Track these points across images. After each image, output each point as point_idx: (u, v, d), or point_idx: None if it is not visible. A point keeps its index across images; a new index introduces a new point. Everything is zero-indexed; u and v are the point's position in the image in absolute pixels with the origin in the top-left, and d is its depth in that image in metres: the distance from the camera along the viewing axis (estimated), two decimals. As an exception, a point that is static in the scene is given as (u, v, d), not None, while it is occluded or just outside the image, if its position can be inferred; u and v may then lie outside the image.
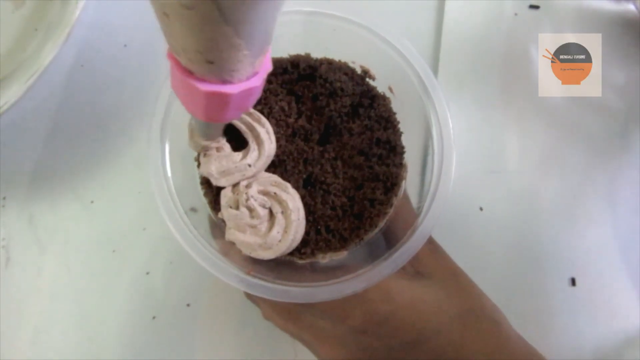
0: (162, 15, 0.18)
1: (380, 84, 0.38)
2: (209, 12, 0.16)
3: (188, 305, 0.45)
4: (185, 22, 0.18)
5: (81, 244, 0.45)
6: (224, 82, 0.21)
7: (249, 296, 0.43)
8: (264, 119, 0.35)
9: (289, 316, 0.38)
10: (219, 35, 0.18)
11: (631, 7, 0.52)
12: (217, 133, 0.33)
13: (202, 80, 0.21)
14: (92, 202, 0.46)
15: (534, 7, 0.52)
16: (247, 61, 0.21)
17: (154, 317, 0.44)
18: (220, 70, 0.21)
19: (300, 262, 0.36)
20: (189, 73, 0.21)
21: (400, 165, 0.37)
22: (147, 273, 0.45)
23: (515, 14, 0.52)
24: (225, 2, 0.16)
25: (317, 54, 0.39)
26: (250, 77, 0.22)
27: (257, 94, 0.24)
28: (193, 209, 0.36)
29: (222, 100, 0.22)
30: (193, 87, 0.21)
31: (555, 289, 0.47)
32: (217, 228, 0.37)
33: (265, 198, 0.33)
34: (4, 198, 0.46)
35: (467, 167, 0.48)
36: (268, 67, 0.23)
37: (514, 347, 0.37)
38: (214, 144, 0.33)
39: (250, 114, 0.34)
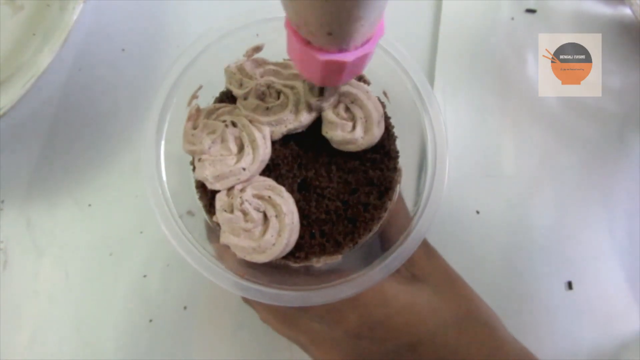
0: None
1: (374, 89, 0.38)
2: None
3: (185, 308, 0.45)
4: None
5: (78, 247, 0.46)
6: (341, 50, 0.22)
7: (246, 300, 0.43)
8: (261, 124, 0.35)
9: (285, 319, 0.39)
10: (341, 10, 0.19)
11: (628, 11, 0.52)
12: (330, 95, 0.34)
13: (320, 49, 0.22)
14: (89, 205, 0.46)
15: (531, 11, 0.52)
16: (364, 30, 0.21)
17: (150, 320, 0.44)
18: (338, 41, 0.21)
19: (295, 265, 0.36)
20: (307, 42, 0.22)
21: (395, 170, 0.37)
22: (144, 276, 0.45)
23: (512, 19, 0.52)
24: None
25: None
26: (365, 43, 0.23)
27: (370, 59, 0.25)
28: (189, 213, 0.37)
29: (338, 67, 0.23)
30: (311, 56, 0.22)
31: (551, 293, 0.47)
32: (213, 232, 0.37)
33: (259, 202, 0.33)
34: (2, 201, 0.46)
35: (463, 171, 0.49)
36: (381, 33, 0.23)
37: (509, 350, 0.37)
38: (325, 104, 0.34)
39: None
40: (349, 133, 0.34)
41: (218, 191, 0.35)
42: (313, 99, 0.34)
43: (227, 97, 0.38)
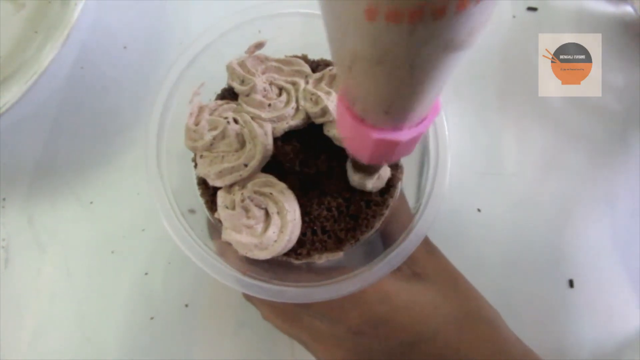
0: (346, 68, 0.18)
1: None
2: (398, 67, 0.16)
3: (186, 305, 0.45)
4: (370, 76, 0.17)
5: (80, 245, 0.46)
6: (395, 129, 0.21)
7: (247, 297, 0.43)
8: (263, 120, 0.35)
9: (286, 317, 0.39)
10: (402, 89, 0.18)
11: (629, 9, 0.52)
12: (374, 171, 0.33)
13: (373, 127, 0.21)
14: (91, 202, 0.46)
15: (532, 9, 0.52)
16: (422, 109, 0.20)
17: (152, 318, 0.44)
18: (394, 120, 0.20)
19: (297, 262, 0.36)
20: (361, 120, 0.21)
21: (396, 167, 0.37)
22: (146, 274, 0.45)
23: (514, 16, 0.52)
24: (418, 58, 0.15)
25: (314, 55, 0.39)
26: (419, 122, 0.22)
27: (420, 139, 0.23)
28: (191, 210, 0.37)
29: (390, 146, 0.22)
30: (364, 133, 0.21)
31: (553, 291, 0.47)
32: (214, 228, 0.37)
33: (261, 198, 0.33)
34: (4, 199, 0.46)
35: (465, 169, 0.49)
36: (437, 112, 0.22)
37: (511, 349, 0.37)
38: (369, 183, 0.34)
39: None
40: None
41: (220, 188, 0.35)
42: (356, 176, 0.34)
43: (229, 94, 0.38)
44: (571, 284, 0.47)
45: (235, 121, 0.35)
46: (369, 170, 0.32)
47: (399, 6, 0.13)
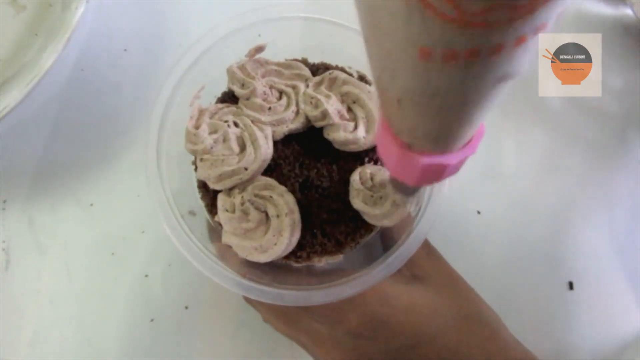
0: (394, 103, 0.17)
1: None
2: (450, 101, 0.16)
3: (186, 307, 0.45)
4: (420, 110, 0.17)
5: (80, 247, 0.46)
6: (443, 153, 0.20)
7: (247, 299, 0.43)
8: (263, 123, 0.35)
9: (286, 319, 0.39)
10: (452, 120, 0.17)
11: (629, 11, 0.52)
12: (416, 192, 0.32)
13: (422, 153, 0.20)
14: (91, 205, 0.46)
15: (532, 11, 0.52)
16: (471, 132, 0.20)
17: (152, 320, 0.44)
18: (443, 145, 0.20)
19: (296, 265, 0.36)
20: (407, 146, 0.20)
21: None
22: (146, 276, 0.45)
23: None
24: (472, 91, 0.15)
25: (314, 59, 0.39)
26: (467, 144, 0.21)
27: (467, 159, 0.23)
28: (191, 213, 0.37)
29: (438, 169, 0.21)
30: (411, 159, 0.20)
31: (553, 293, 0.47)
32: (214, 231, 0.37)
33: (261, 202, 0.33)
34: (4, 201, 0.46)
35: (464, 171, 0.48)
36: (482, 132, 0.22)
37: (511, 351, 0.37)
38: (412, 200, 0.34)
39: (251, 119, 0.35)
40: (350, 133, 0.34)
41: (220, 191, 0.35)
42: (398, 196, 0.33)
43: (229, 97, 0.38)
44: (571, 285, 0.47)
45: (236, 124, 0.35)
46: (411, 190, 0.32)
47: (457, 47, 0.13)
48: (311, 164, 0.36)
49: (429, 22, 0.12)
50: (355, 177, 0.34)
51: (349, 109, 0.35)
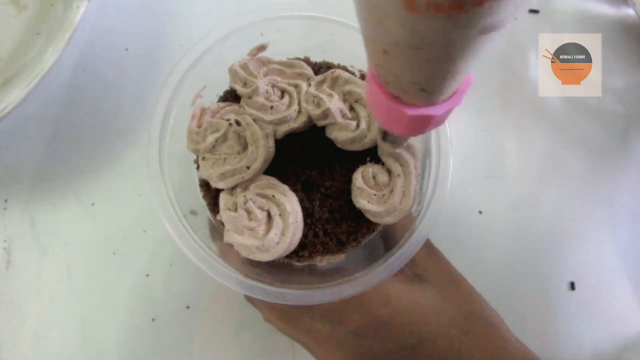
0: (381, 52, 0.18)
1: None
2: (435, 51, 0.16)
3: (187, 307, 0.45)
4: (407, 60, 0.17)
5: (82, 247, 0.46)
6: (430, 104, 0.21)
7: (248, 299, 0.43)
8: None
9: (288, 319, 0.39)
10: (438, 70, 0.18)
11: (631, 12, 0.52)
12: (403, 141, 0.33)
13: (409, 104, 0.21)
14: (92, 204, 0.46)
15: (534, 11, 0.53)
16: (456, 84, 0.21)
17: (153, 319, 0.44)
18: (430, 97, 0.21)
19: (298, 264, 0.36)
20: (396, 99, 0.21)
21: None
22: (147, 275, 0.45)
23: (515, 19, 0.52)
24: (456, 42, 0.15)
25: (316, 57, 0.39)
26: (452, 95, 0.22)
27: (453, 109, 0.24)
28: (193, 212, 0.37)
29: (425, 120, 0.22)
30: (399, 111, 0.21)
31: (554, 293, 0.47)
32: (216, 230, 0.37)
33: (263, 200, 0.33)
34: (6, 200, 0.46)
35: (466, 171, 0.49)
36: (469, 83, 0.23)
37: (512, 351, 0.37)
38: (399, 149, 0.34)
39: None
40: (352, 132, 0.34)
41: (222, 190, 0.35)
42: (386, 145, 0.34)
43: (231, 96, 0.38)
44: (572, 286, 0.47)
45: (238, 123, 0.35)
46: (399, 141, 0.33)
47: None
48: (313, 163, 0.36)
49: None
50: (357, 176, 0.34)
51: (351, 108, 0.35)
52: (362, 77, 0.39)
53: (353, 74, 0.39)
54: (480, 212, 0.48)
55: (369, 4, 0.16)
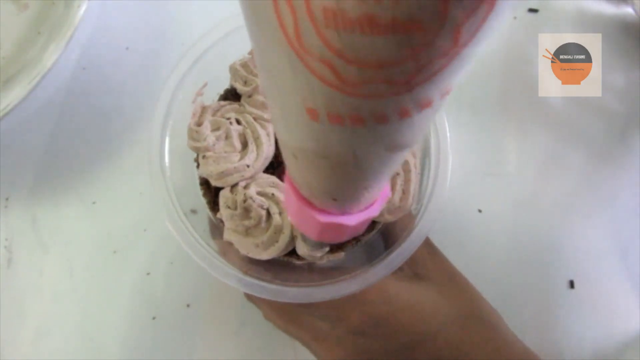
0: (291, 156, 0.17)
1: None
2: (342, 162, 0.16)
3: (188, 305, 0.45)
4: (315, 168, 0.17)
5: (83, 245, 0.46)
6: (344, 213, 0.20)
7: (249, 297, 0.43)
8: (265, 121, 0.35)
9: (288, 317, 0.39)
10: (347, 181, 0.17)
11: (630, 10, 0.52)
12: (322, 245, 0.33)
13: (321, 211, 0.20)
14: (94, 203, 0.47)
15: (533, 10, 0.53)
16: (370, 196, 0.20)
17: (154, 318, 0.45)
18: (342, 206, 0.20)
19: (298, 263, 0.36)
20: (308, 203, 0.20)
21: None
22: (148, 274, 0.45)
23: (514, 18, 0.53)
24: (361, 153, 0.15)
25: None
26: (368, 206, 0.21)
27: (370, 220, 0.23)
28: (193, 210, 0.37)
29: (339, 229, 0.21)
30: (311, 216, 0.20)
31: (553, 292, 0.47)
32: (216, 228, 0.37)
33: (263, 199, 0.33)
34: (7, 199, 0.46)
35: (466, 169, 0.49)
36: (386, 194, 0.22)
37: (511, 350, 0.37)
38: (318, 253, 0.34)
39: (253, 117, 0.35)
40: None
41: (222, 188, 0.35)
42: (306, 248, 0.33)
43: (231, 95, 0.38)
44: (572, 284, 0.47)
45: (238, 122, 0.35)
46: (317, 244, 0.32)
47: (339, 111, 0.12)
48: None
49: (313, 84, 0.12)
50: None
51: None
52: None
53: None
54: (480, 211, 0.48)
55: (276, 105, 0.15)
